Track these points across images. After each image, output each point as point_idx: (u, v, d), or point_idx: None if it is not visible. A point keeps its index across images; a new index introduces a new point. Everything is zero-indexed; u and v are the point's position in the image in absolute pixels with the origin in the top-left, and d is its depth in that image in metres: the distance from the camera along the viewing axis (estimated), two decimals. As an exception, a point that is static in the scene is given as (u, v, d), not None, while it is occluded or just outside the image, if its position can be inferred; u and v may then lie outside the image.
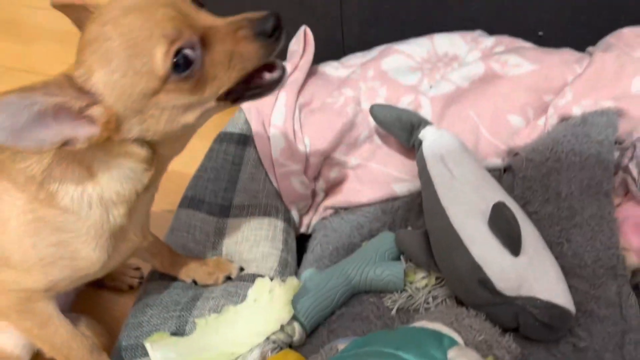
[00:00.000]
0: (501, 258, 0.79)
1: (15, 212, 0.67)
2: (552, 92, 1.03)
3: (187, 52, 0.59)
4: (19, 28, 1.99)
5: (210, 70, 0.61)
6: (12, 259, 0.68)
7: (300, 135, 1.06)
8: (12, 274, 0.70)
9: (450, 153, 0.91)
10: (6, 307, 0.73)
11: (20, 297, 0.72)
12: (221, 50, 0.61)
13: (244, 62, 0.62)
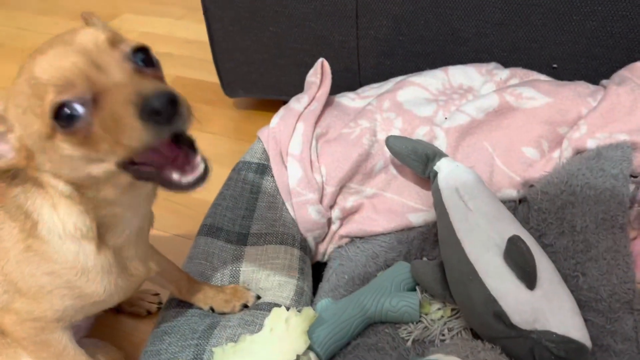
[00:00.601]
0: (517, 291, 0.80)
1: (12, 241, 0.69)
2: (566, 124, 1.04)
3: (73, 107, 0.54)
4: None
5: (99, 133, 0.55)
6: (20, 286, 0.71)
7: (317, 164, 1.08)
8: (24, 303, 0.72)
9: (465, 186, 0.92)
10: (22, 338, 0.75)
11: (35, 327, 0.74)
12: (108, 116, 0.54)
13: (128, 139, 0.53)
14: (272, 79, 1.48)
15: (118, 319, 1.08)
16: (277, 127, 1.10)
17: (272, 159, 1.10)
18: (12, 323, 0.73)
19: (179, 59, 1.92)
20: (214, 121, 1.61)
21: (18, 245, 0.69)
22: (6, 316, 0.73)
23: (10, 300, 0.72)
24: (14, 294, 0.72)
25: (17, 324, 0.73)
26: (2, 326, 0.74)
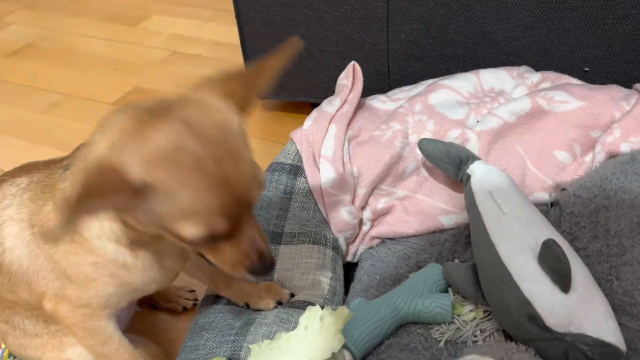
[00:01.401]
0: (551, 294, 0.80)
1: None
2: (599, 128, 1.04)
3: (219, 236, 0.62)
4: (75, 56, 2.10)
5: (211, 248, 0.65)
6: (69, 273, 0.75)
7: (349, 166, 1.09)
8: (74, 289, 0.76)
9: (498, 189, 0.93)
10: (73, 324, 0.79)
11: (84, 314, 0.78)
12: (229, 249, 0.65)
13: (230, 269, 0.67)
14: (301, 82, 1.50)
15: (155, 315, 1.11)
16: (309, 129, 1.12)
17: (305, 160, 1.12)
18: (65, 310, 0.77)
19: (208, 61, 1.95)
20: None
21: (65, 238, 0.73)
22: (59, 303, 0.77)
23: (61, 286, 0.76)
24: (64, 281, 0.76)
25: (70, 310, 0.77)
26: (57, 313, 0.78)
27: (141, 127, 0.57)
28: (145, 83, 1.87)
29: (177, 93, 0.63)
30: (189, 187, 0.56)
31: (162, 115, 0.58)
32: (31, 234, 0.76)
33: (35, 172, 0.79)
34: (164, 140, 0.56)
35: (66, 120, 1.73)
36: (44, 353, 0.89)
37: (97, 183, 0.54)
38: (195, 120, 0.58)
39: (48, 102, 1.82)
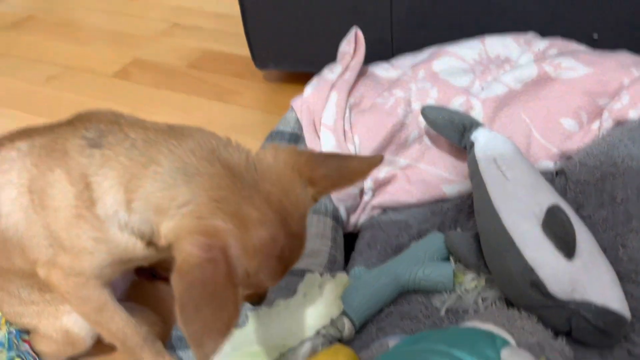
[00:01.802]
0: (555, 261, 0.79)
1: (65, 203, 0.70)
2: (607, 95, 1.02)
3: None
4: (76, 29, 2.07)
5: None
6: (65, 244, 0.73)
7: (350, 134, 1.07)
8: (67, 258, 0.74)
9: (503, 156, 0.91)
10: (67, 292, 0.78)
11: (77, 282, 0.76)
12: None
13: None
14: (303, 51, 1.47)
15: (154, 284, 1.10)
16: (310, 97, 1.10)
17: (305, 128, 1.10)
18: (58, 278, 0.76)
19: (209, 33, 1.92)
20: (244, 94, 1.62)
21: (70, 209, 0.71)
22: (52, 270, 0.76)
23: (54, 254, 0.74)
24: (58, 249, 0.74)
25: (62, 278, 0.76)
26: (50, 280, 0.77)
27: (238, 204, 0.61)
28: (145, 55, 1.84)
29: (264, 154, 0.67)
30: (268, 272, 0.63)
31: (256, 194, 0.62)
32: (29, 200, 0.74)
33: (37, 137, 0.76)
34: (265, 232, 0.61)
35: (66, 93, 1.71)
36: (40, 321, 0.88)
37: (211, 289, 0.56)
38: (287, 212, 0.63)
39: (47, 75, 1.80)
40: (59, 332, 0.87)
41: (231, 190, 0.62)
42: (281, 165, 0.66)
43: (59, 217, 0.72)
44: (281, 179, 0.65)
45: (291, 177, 0.66)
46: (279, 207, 0.63)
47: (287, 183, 0.65)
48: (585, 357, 0.79)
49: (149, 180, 0.65)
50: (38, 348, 0.91)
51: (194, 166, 0.64)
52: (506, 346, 0.69)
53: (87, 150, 0.70)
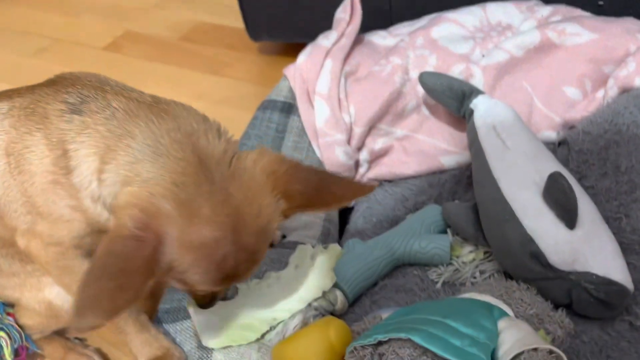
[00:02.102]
0: (555, 231, 0.76)
1: (42, 168, 0.68)
2: (612, 62, 0.98)
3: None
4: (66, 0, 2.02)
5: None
6: (42, 210, 0.70)
7: (345, 104, 1.04)
8: (45, 226, 0.71)
9: (503, 123, 0.88)
10: (47, 262, 0.75)
11: (57, 252, 0.73)
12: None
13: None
14: (298, 22, 1.43)
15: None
16: (304, 64, 1.06)
17: (298, 97, 1.06)
18: (37, 247, 0.73)
19: (201, 4, 1.87)
20: (237, 66, 1.57)
21: (46, 175, 0.68)
22: (32, 239, 0.73)
23: (33, 221, 0.71)
24: (36, 216, 0.71)
25: (42, 248, 0.73)
26: (29, 250, 0.74)
27: (194, 196, 0.58)
28: (136, 27, 1.79)
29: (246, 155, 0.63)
30: (202, 275, 0.60)
31: (216, 193, 0.59)
32: (6, 163, 0.70)
33: (17, 97, 0.72)
34: (208, 232, 0.58)
35: (55, 65, 1.66)
36: (23, 293, 0.85)
37: (123, 266, 0.55)
38: (242, 221, 0.60)
39: (37, 47, 1.76)
40: (41, 304, 0.84)
41: (192, 179, 0.59)
42: (257, 171, 0.62)
43: (36, 183, 0.68)
44: (251, 186, 0.61)
45: (263, 186, 0.62)
46: (234, 213, 0.59)
47: (255, 191, 0.61)
48: (585, 329, 0.77)
49: (121, 152, 0.63)
50: (22, 321, 0.88)
51: (165, 147, 0.61)
52: (504, 317, 0.66)
53: (67, 115, 0.67)
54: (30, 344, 0.89)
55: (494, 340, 0.62)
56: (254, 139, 1.05)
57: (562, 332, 0.70)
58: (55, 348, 0.92)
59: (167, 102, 0.68)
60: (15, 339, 0.87)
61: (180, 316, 0.84)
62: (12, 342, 0.86)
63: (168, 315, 0.85)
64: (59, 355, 0.92)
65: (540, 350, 0.59)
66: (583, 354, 0.74)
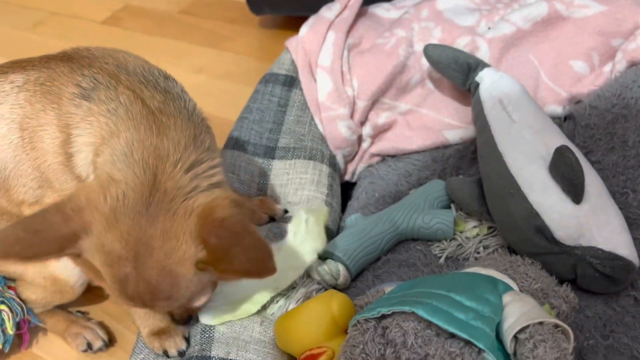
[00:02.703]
0: (561, 205, 0.75)
1: (53, 148, 0.68)
2: (621, 35, 0.96)
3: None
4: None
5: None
6: (54, 185, 0.70)
7: (348, 77, 1.02)
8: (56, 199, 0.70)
9: (509, 96, 0.86)
10: None
11: None
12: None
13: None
14: (300, -6, 1.40)
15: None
16: (306, 37, 1.04)
17: (300, 70, 1.04)
18: None
19: (201, -23, 1.84)
20: (238, 40, 1.55)
21: (56, 156, 0.68)
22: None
23: (42, 194, 0.71)
24: (47, 190, 0.71)
25: None
26: None
27: (124, 211, 0.60)
28: (135, 1, 1.76)
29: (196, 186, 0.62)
30: (112, 285, 0.62)
31: (137, 222, 0.59)
32: (20, 138, 0.69)
33: (32, 70, 0.71)
34: (116, 247, 0.59)
35: (52, 39, 1.64)
36: (27, 268, 0.85)
37: (48, 224, 0.59)
38: (146, 255, 0.60)
39: (34, 20, 1.73)
40: (47, 279, 0.84)
41: (136, 197, 0.60)
42: (194, 213, 0.60)
43: (48, 161, 0.69)
44: (177, 226, 0.60)
45: (188, 230, 0.60)
46: (143, 242, 0.60)
47: (178, 232, 0.60)
48: (589, 304, 0.76)
49: (108, 149, 0.64)
50: (24, 295, 0.88)
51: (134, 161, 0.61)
52: (509, 291, 0.66)
53: (77, 100, 0.67)
54: (32, 317, 0.89)
55: (498, 314, 0.61)
56: (256, 113, 1.03)
57: (567, 307, 0.70)
58: (57, 321, 0.92)
59: (171, 115, 0.66)
60: (17, 312, 0.87)
61: (182, 290, 0.83)
62: (14, 316, 0.86)
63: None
64: (61, 328, 0.92)
65: (546, 324, 0.59)
66: (587, 328, 0.74)
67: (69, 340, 0.91)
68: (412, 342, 0.60)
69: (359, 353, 0.62)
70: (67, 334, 0.91)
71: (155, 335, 0.78)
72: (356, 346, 0.63)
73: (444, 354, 0.58)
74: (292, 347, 0.72)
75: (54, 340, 0.94)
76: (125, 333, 0.94)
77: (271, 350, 0.74)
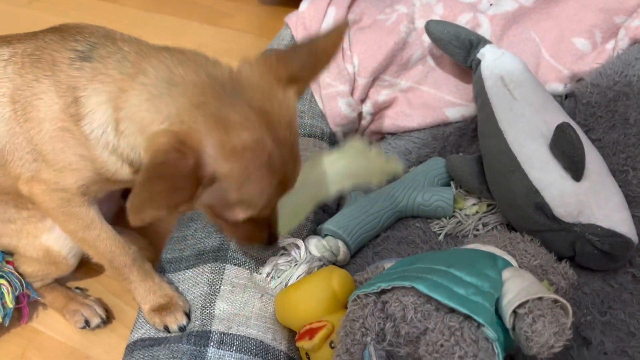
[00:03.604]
0: (561, 182, 0.75)
1: (50, 115, 0.67)
2: (624, 12, 0.95)
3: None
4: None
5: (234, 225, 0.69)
6: (48, 158, 0.69)
7: (349, 53, 1.01)
8: (51, 173, 0.70)
9: (511, 73, 0.86)
10: (52, 208, 0.74)
11: (62, 198, 0.73)
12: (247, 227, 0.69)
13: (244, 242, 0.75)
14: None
15: (142, 208, 1.06)
16: (306, 12, 1.03)
17: (301, 47, 1.03)
18: (42, 192, 0.72)
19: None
20: (237, 17, 1.53)
21: (55, 122, 0.67)
22: (36, 185, 0.72)
23: (38, 168, 0.71)
24: (42, 163, 0.70)
25: (46, 193, 0.72)
26: (33, 196, 0.73)
27: (219, 108, 0.58)
28: (133, -24, 1.74)
29: (241, 67, 0.64)
30: (257, 183, 0.60)
31: (238, 101, 0.60)
32: (12, 111, 0.69)
33: (18, 43, 0.71)
34: (247, 135, 0.58)
35: (50, 15, 1.62)
36: (20, 240, 0.85)
37: (170, 173, 0.55)
38: (272, 117, 0.61)
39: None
40: (39, 250, 0.84)
41: (213, 97, 0.60)
42: (257, 74, 0.63)
43: (43, 130, 0.68)
44: (261, 87, 0.62)
45: (270, 83, 0.63)
46: (262, 112, 0.60)
47: (267, 89, 0.62)
48: (587, 281, 0.77)
49: (135, 93, 0.62)
50: (21, 269, 0.88)
51: (180, 75, 0.62)
52: (508, 267, 0.66)
53: (77, 63, 0.66)
54: (31, 292, 0.90)
55: (498, 290, 0.62)
56: (255, 90, 1.02)
57: (566, 284, 0.70)
58: (56, 297, 0.93)
59: (177, 47, 0.68)
60: (16, 287, 0.87)
61: (182, 265, 0.83)
62: (13, 290, 0.86)
63: (171, 265, 0.85)
64: (59, 304, 0.93)
65: (545, 300, 0.59)
66: (585, 305, 0.74)
67: (67, 317, 0.92)
68: (411, 316, 0.60)
69: (358, 327, 0.62)
70: (66, 310, 0.92)
71: (156, 311, 0.78)
72: (356, 320, 0.63)
73: (444, 328, 0.58)
74: (292, 321, 0.73)
75: (53, 314, 0.94)
76: (125, 309, 0.95)
77: (271, 325, 0.75)
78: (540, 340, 0.55)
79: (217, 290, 0.78)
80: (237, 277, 0.79)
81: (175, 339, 0.74)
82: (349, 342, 0.62)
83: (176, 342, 0.73)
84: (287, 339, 0.75)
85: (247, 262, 0.81)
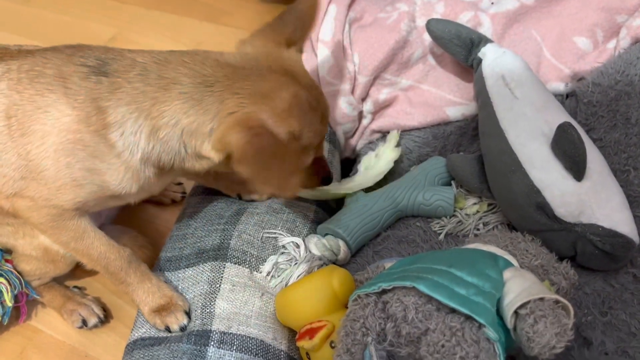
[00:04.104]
0: (563, 182, 0.75)
1: (59, 127, 0.66)
2: (626, 11, 0.94)
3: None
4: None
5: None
6: (45, 175, 0.68)
7: (350, 52, 1.01)
8: (42, 191, 0.69)
9: (512, 73, 0.85)
10: (40, 223, 0.73)
11: (51, 213, 0.72)
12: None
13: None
14: (300, -32, 1.37)
15: (143, 207, 1.06)
16: (307, 10, 1.02)
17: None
18: (27, 208, 0.71)
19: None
20: (236, 14, 1.53)
21: (65, 134, 0.66)
22: (20, 201, 0.71)
23: (25, 186, 0.69)
24: (31, 182, 0.69)
25: (33, 209, 0.71)
26: (17, 211, 0.72)
27: (253, 86, 0.67)
28: (133, -27, 1.73)
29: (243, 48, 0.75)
30: (311, 125, 0.70)
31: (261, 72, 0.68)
32: (5, 126, 0.68)
33: (11, 60, 0.70)
34: (285, 94, 0.67)
35: (49, 13, 1.61)
36: (17, 240, 0.84)
37: (271, 152, 0.64)
38: (292, 71, 0.70)
39: (29, -7, 1.70)
40: (37, 250, 0.84)
41: (243, 79, 0.67)
42: (260, 46, 0.73)
43: (46, 143, 0.67)
44: (270, 53, 0.72)
45: (275, 49, 0.73)
46: (283, 71, 0.69)
47: (275, 53, 0.72)
48: (588, 281, 0.77)
49: (175, 102, 0.66)
50: (20, 267, 0.88)
51: (212, 75, 0.67)
52: (509, 267, 0.66)
53: (93, 77, 0.67)
54: (29, 291, 0.89)
55: (499, 290, 0.61)
56: (255, 88, 1.02)
57: (567, 284, 0.70)
58: (55, 296, 0.93)
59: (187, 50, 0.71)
60: (15, 285, 0.87)
61: (182, 264, 0.83)
62: (12, 288, 0.86)
63: (170, 264, 0.84)
64: (57, 303, 0.92)
65: (547, 300, 0.59)
66: (585, 305, 0.74)
67: (65, 317, 0.92)
68: (412, 316, 0.60)
69: (359, 327, 0.62)
70: (63, 310, 0.92)
71: (156, 312, 0.78)
72: (356, 320, 0.63)
73: (445, 328, 0.58)
74: (293, 321, 0.72)
75: (52, 313, 0.94)
76: (125, 307, 0.94)
77: (272, 325, 0.75)
78: (541, 341, 0.55)
79: (218, 289, 0.77)
80: (237, 276, 0.79)
81: (175, 339, 0.74)
82: (350, 342, 0.62)
83: (176, 342, 0.73)
84: (287, 339, 0.75)
85: (247, 261, 0.81)
